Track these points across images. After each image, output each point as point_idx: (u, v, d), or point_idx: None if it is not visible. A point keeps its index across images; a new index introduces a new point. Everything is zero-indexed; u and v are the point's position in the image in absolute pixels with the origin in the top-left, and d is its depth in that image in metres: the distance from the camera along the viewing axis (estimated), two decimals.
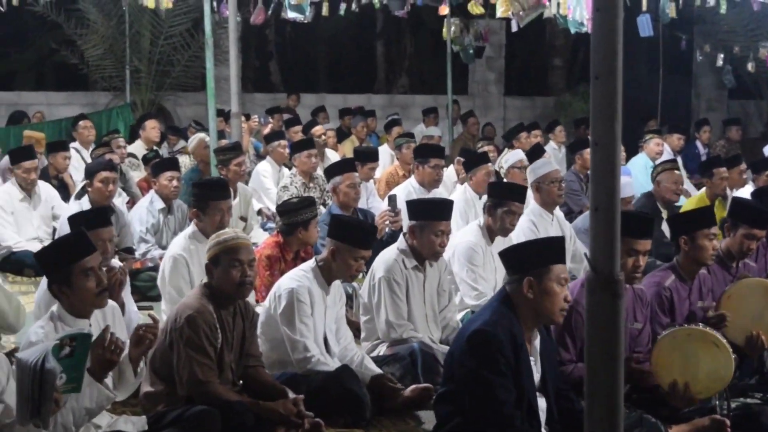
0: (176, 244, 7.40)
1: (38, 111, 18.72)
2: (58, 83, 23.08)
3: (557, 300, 4.91)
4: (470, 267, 7.45)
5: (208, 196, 7.54)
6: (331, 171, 9.16)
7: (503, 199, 7.53)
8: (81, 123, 13.85)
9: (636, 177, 11.58)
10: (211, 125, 10.80)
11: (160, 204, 9.64)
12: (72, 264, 4.94)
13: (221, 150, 10.19)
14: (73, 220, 6.68)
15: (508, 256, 5.15)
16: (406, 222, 7.15)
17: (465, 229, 7.93)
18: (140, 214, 9.67)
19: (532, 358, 5.02)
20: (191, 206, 7.68)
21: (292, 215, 7.59)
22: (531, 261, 4.96)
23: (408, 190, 9.93)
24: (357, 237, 6.25)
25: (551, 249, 5.04)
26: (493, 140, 15.50)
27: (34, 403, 4.15)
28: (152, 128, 14.29)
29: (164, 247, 9.51)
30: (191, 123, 16.90)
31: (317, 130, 13.39)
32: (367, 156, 11.21)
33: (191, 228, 7.52)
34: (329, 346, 6.22)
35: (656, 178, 9.93)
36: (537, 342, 5.09)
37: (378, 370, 6.22)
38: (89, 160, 11.98)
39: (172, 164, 9.99)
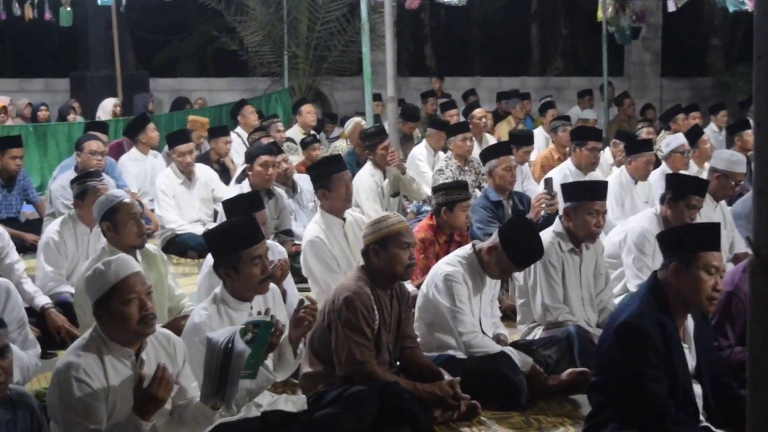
0: (309, 231, 7.54)
1: (200, 97, 19.21)
2: (218, 70, 23.61)
3: (703, 288, 4.73)
4: (639, 254, 7.26)
5: (329, 171, 7.60)
6: (487, 154, 9.14)
7: (685, 192, 7.22)
8: (245, 108, 14.15)
9: None
10: (367, 109, 10.92)
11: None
12: (240, 250, 5.06)
13: (367, 135, 10.22)
14: (227, 204, 6.86)
15: (661, 239, 5.06)
16: (561, 205, 7.07)
17: (640, 215, 7.74)
18: None
19: (685, 345, 4.91)
20: (315, 189, 7.74)
21: (440, 195, 7.64)
22: (681, 246, 4.82)
23: (564, 172, 9.85)
24: None
25: (704, 235, 4.85)
26: (653, 122, 15.22)
27: (219, 383, 4.26)
28: (308, 113, 14.48)
29: None
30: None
31: (478, 112, 13.34)
32: (522, 139, 11.14)
33: (318, 212, 7.66)
34: (483, 332, 6.23)
35: None
36: (691, 328, 5.00)
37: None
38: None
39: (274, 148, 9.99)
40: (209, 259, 6.60)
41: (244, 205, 6.64)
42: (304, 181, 9.92)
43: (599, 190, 6.86)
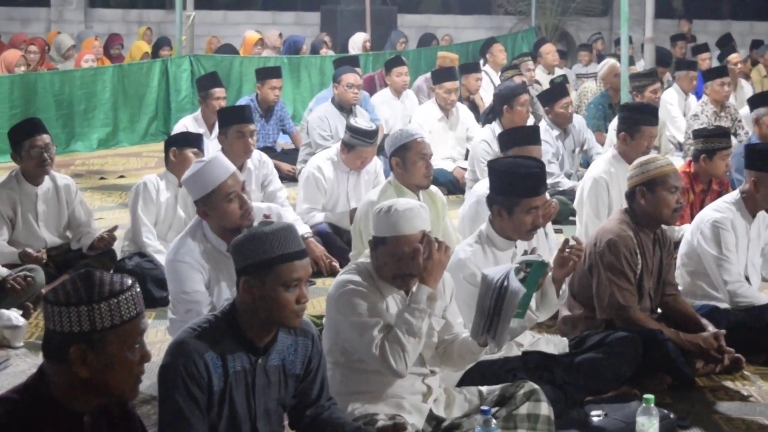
0: (597, 167, 7.37)
1: (446, 34, 19.24)
2: (463, 7, 23.59)
3: None
4: None
5: (639, 120, 7.40)
6: (755, 102, 8.78)
7: None
8: (495, 46, 14.10)
9: None
10: (623, 51, 10.68)
11: (555, 131, 9.66)
12: (521, 198, 4.98)
13: (637, 76, 10.07)
14: (502, 136, 6.86)
15: None
16: None
17: None
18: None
19: None
20: (620, 131, 7.49)
21: (700, 142, 7.42)
22: None
23: None
24: None
25: None
26: None
27: (491, 320, 4.24)
28: (548, 53, 14.34)
29: (568, 174, 9.59)
30: None
31: (734, 57, 12.90)
32: None
33: (612, 151, 7.48)
34: (749, 281, 6.04)
35: None
36: None
37: None
38: (498, 83, 12.22)
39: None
40: (477, 189, 6.64)
41: (520, 137, 6.64)
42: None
43: None
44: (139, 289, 3.01)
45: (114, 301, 2.91)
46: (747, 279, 6.01)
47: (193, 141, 7.29)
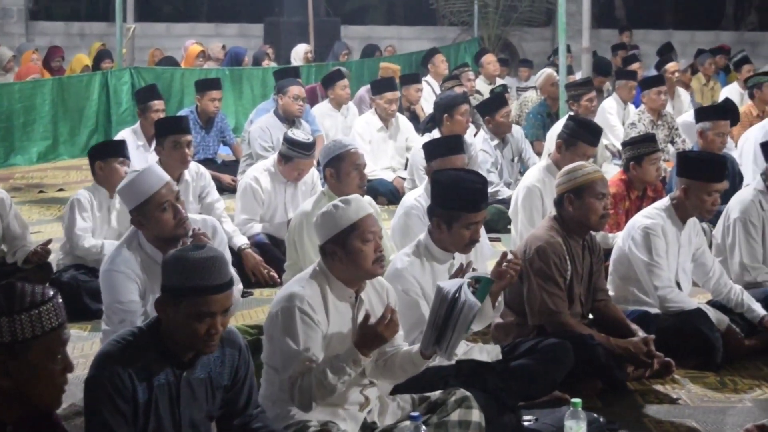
0: (531, 176, 7.45)
1: (390, 45, 19.31)
2: (407, 18, 23.69)
3: None
4: None
5: (580, 136, 7.42)
6: (702, 115, 8.79)
7: None
8: (437, 56, 14.18)
9: None
10: (561, 61, 10.80)
11: (494, 140, 9.70)
12: (461, 212, 4.99)
13: (573, 85, 10.17)
14: (428, 146, 6.90)
15: None
16: (757, 167, 6.84)
17: None
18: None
19: None
20: (559, 138, 7.54)
21: (627, 150, 7.51)
22: None
23: (766, 130, 9.53)
24: (708, 171, 6.08)
25: None
26: None
27: (442, 333, 4.24)
28: (489, 63, 14.45)
29: (507, 183, 9.65)
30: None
31: (670, 66, 13.06)
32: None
33: (546, 160, 7.55)
34: (680, 286, 6.12)
35: None
36: None
37: (760, 312, 6.11)
38: (439, 93, 12.29)
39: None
40: (406, 200, 6.68)
41: (444, 147, 6.68)
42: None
43: None
44: (61, 300, 3.01)
45: (35, 312, 2.92)
46: (678, 284, 6.09)
47: (117, 150, 7.27)
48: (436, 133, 9.24)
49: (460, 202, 5.01)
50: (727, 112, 9.08)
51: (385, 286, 4.61)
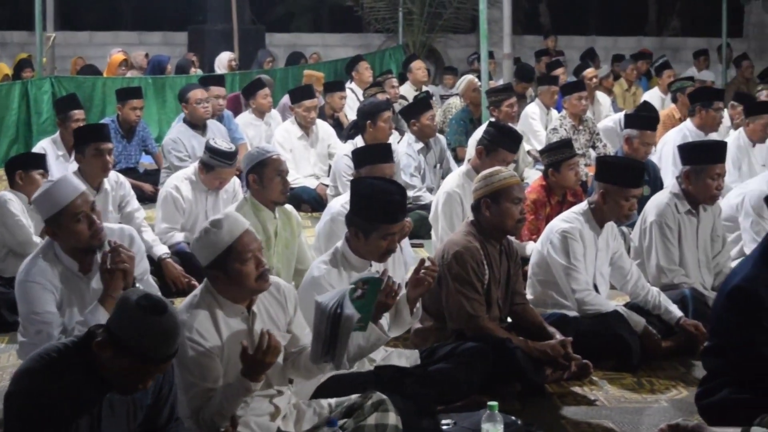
0: (450, 181, 7.48)
1: (315, 52, 19.30)
2: (333, 25, 23.70)
3: None
4: (757, 218, 7.20)
5: (500, 142, 7.45)
6: (629, 121, 8.85)
7: None
8: (361, 63, 14.20)
9: None
10: (483, 67, 10.86)
11: (418, 145, 9.74)
12: (380, 224, 5.00)
13: (494, 91, 10.24)
14: (355, 154, 6.88)
15: None
16: (676, 169, 6.95)
17: (759, 178, 7.61)
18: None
19: None
20: (479, 144, 7.57)
21: (545, 156, 7.59)
22: None
23: (683, 133, 9.68)
24: (626, 177, 6.16)
25: None
26: None
27: (329, 345, 4.26)
28: (418, 69, 14.49)
29: (429, 188, 9.67)
30: None
31: (589, 72, 13.22)
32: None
33: (466, 166, 7.59)
34: (597, 290, 6.20)
35: None
36: None
37: (676, 314, 6.19)
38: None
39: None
40: (332, 206, 6.68)
41: (373, 155, 6.69)
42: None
43: (720, 151, 6.74)
44: None
45: None
46: (595, 287, 6.16)
47: (38, 162, 7.25)
48: (359, 140, 9.22)
49: (378, 213, 5.03)
50: (656, 123, 9.17)
51: (282, 288, 4.60)
